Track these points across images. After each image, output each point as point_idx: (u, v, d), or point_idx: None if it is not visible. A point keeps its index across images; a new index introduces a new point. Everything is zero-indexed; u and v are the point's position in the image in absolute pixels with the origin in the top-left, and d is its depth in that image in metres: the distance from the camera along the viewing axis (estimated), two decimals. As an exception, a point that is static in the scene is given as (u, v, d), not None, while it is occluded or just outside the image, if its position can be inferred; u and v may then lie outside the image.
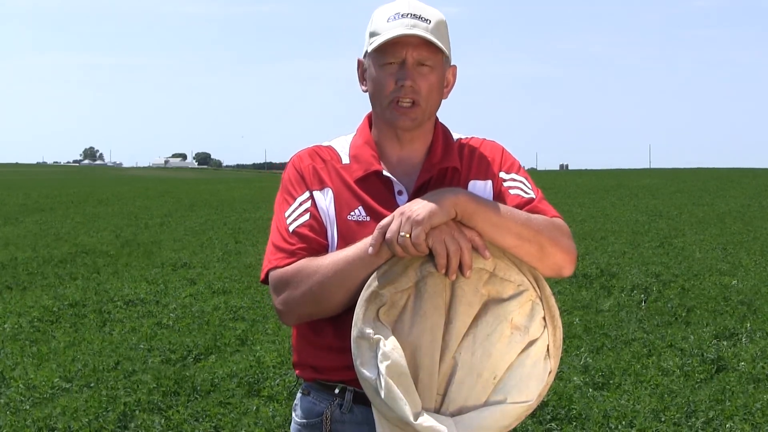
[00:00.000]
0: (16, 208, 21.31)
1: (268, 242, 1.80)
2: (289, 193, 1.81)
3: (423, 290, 1.63)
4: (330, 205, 1.78)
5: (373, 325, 1.62)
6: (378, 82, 1.77)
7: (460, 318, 1.63)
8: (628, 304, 7.61)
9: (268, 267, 1.75)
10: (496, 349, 1.63)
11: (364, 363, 1.61)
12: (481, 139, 1.92)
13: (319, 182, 1.80)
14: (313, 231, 1.75)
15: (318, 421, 1.80)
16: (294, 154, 1.90)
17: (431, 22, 1.75)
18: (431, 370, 1.61)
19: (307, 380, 1.85)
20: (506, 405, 1.63)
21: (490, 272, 1.67)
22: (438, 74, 1.78)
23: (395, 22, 1.73)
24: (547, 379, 1.69)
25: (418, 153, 1.84)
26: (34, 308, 7.62)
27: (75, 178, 58.06)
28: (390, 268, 1.65)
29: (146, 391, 4.98)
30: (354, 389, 1.75)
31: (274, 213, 1.84)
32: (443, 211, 1.61)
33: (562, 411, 4.60)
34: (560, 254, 1.72)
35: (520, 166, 1.89)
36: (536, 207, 1.78)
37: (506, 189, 1.82)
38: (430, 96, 1.77)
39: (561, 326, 1.72)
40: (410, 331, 1.62)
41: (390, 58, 1.74)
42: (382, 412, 1.60)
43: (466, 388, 1.62)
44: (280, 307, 1.73)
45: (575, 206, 20.55)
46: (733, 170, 48.98)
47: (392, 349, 1.58)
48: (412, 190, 1.79)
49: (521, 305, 1.67)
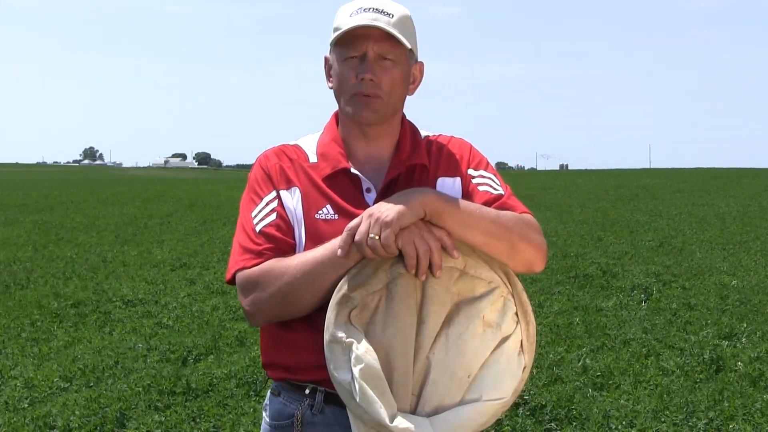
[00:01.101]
0: (16, 208, 21.31)
1: (234, 242, 1.79)
2: (256, 193, 1.80)
3: (394, 291, 1.63)
4: (297, 204, 1.76)
5: (345, 328, 1.61)
6: (340, 76, 1.76)
7: (433, 318, 1.62)
8: (628, 304, 7.61)
9: (235, 268, 1.74)
10: (469, 348, 1.63)
11: (338, 367, 1.60)
12: (448, 136, 1.91)
13: (287, 181, 1.79)
14: (280, 231, 1.73)
15: (289, 423, 1.78)
16: (261, 153, 1.87)
17: (394, 17, 1.74)
18: (405, 371, 1.60)
19: (276, 380, 1.83)
20: (482, 403, 1.63)
21: (460, 270, 1.66)
22: (401, 69, 1.77)
23: (357, 16, 1.73)
24: (522, 375, 1.68)
25: (385, 150, 1.83)
26: (34, 308, 7.61)
27: (75, 178, 58.05)
28: (360, 271, 1.64)
29: (145, 391, 4.97)
30: (325, 390, 1.74)
31: (240, 212, 1.82)
32: (412, 212, 1.60)
33: (561, 411, 4.59)
34: (530, 250, 1.72)
35: (488, 163, 1.88)
36: (505, 203, 1.78)
37: (475, 186, 1.81)
38: (392, 90, 1.76)
39: (534, 321, 1.72)
40: (383, 333, 1.61)
41: (351, 52, 1.74)
42: (357, 416, 1.60)
43: (441, 388, 1.61)
44: (249, 309, 1.72)
45: (575, 206, 20.54)
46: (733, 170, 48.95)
47: (365, 352, 1.57)
48: (380, 187, 1.78)
49: (493, 302, 1.67)
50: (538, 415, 4.57)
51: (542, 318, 6.97)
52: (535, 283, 8.69)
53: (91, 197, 26.18)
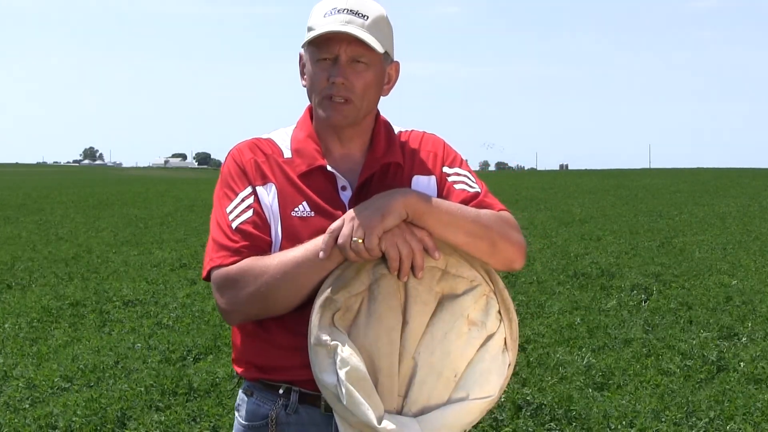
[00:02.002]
0: (16, 207, 21.30)
1: (210, 238, 1.75)
2: (230, 188, 1.76)
3: (377, 293, 1.63)
4: (273, 200, 1.73)
5: (329, 331, 1.60)
6: (312, 77, 1.73)
7: (416, 318, 1.62)
8: (629, 304, 7.61)
9: (211, 265, 1.70)
10: (455, 347, 1.63)
11: (323, 370, 1.59)
12: (421, 132, 1.89)
13: (262, 177, 1.76)
14: (256, 228, 1.70)
15: (263, 423, 1.76)
16: (233, 146, 1.84)
17: (369, 18, 1.70)
18: (390, 372, 1.60)
19: (249, 380, 1.80)
20: (469, 402, 1.62)
21: (442, 270, 1.66)
22: (375, 71, 1.74)
23: (331, 17, 1.69)
24: (507, 372, 1.69)
25: (359, 148, 1.81)
26: (33, 308, 7.61)
27: (75, 178, 58.04)
28: (342, 273, 1.63)
29: (145, 391, 4.97)
30: (299, 389, 1.72)
31: (213, 207, 1.79)
32: (395, 214, 1.59)
33: (562, 411, 4.59)
34: (511, 248, 1.72)
35: (462, 160, 1.87)
36: (483, 201, 1.77)
37: (451, 184, 1.80)
38: (365, 94, 1.73)
39: (516, 318, 1.72)
40: (367, 335, 1.61)
41: (324, 54, 1.71)
42: (344, 418, 1.59)
43: (428, 388, 1.61)
44: (225, 307, 1.69)
45: (575, 206, 20.53)
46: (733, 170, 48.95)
47: (350, 354, 1.57)
48: (355, 185, 1.76)
49: (476, 300, 1.67)
50: (538, 415, 4.57)
51: (543, 318, 6.97)
52: (536, 283, 8.69)
53: (91, 197, 26.18)
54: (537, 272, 9.32)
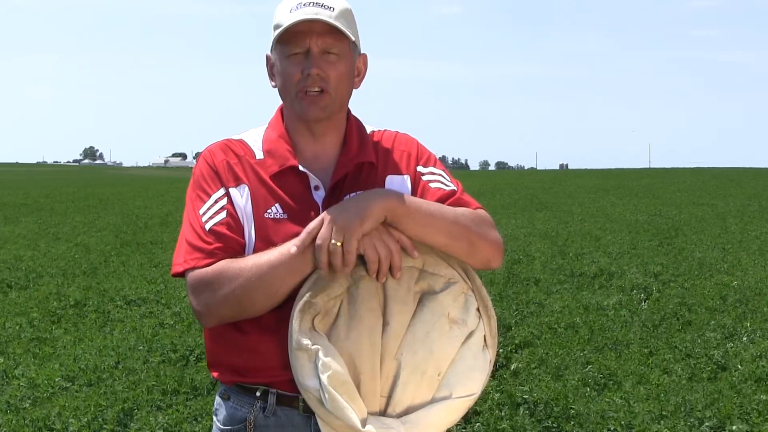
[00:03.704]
0: (16, 207, 21.31)
1: (181, 238, 1.75)
2: (203, 190, 1.76)
3: (356, 295, 1.63)
4: (247, 202, 1.73)
5: (309, 335, 1.60)
6: (285, 73, 1.73)
7: (397, 318, 1.62)
8: (628, 303, 7.62)
9: (185, 266, 1.70)
10: (437, 346, 1.63)
11: (305, 374, 1.60)
12: (394, 132, 1.89)
13: (235, 179, 1.75)
14: (230, 229, 1.70)
15: (241, 427, 1.75)
16: (204, 148, 1.85)
17: (335, 10, 1.71)
18: (373, 373, 1.60)
19: (226, 383, 1.79)
20: (452, 400, 1.63)
21: (420, 269, 1.67)
22: (346, 62, 1.74)
23: (297, 11, 1.69)
24: (488, 369, 1.70)
25: (332, 147, 1.80)
26: (34, 308, 7.62)
27: (75, 177, 58.02)
28: (320, 276, 1.63)
29: (147, 391, 4.98)
30: (277, 391, 1.71)
31: (185, 207, 1.79)
32: (374, 217, 1.59)
33: (562, 411, 4.60)
34: (489, 248, 1.72)
35: (436, 159, 1.87)
36: (460, 200, 1.77)
37: (426, 183, 1.80)
38: (339, 84, 1.73)
39: (494, 315, 1.73)
40: (347, 337, 1.61)
41: (295, 48, 1.70)
42: (327, 422, 1.60)
43: (412, 388, 1.61)
44: (200, 309, 1.68)
45: (575, 206, 20.54)
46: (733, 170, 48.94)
47: (331, 358, 1.57)
48: (329, 186, 1.75)
49: (455, 299, 1.67)
50: (538, 415, 4.58)
51: (543, 317, 6.98)
52: (536, 282, 8.70)
53: (91, 197, 26.18)
54: (537, 272, 9.34)
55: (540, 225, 15.28)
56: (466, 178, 46.61)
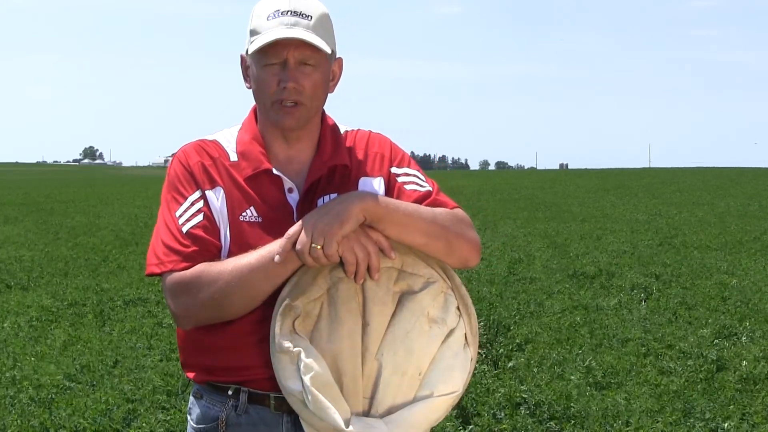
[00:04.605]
0: (16, 207, 21.31)
1: (157, 239, 1.73)
2: (179, 192, 1.75)
3: (336, 296, 1.63)
4: (222, 204, 1.72)
5: (290, 338, 1.61)
6: (260, 82, 1.71)
7: (376, 319, 1.63)
8: (628, 303, 7.62)
9: (163, 269, 1.69)
10: (417, 345, 1.64)
11: (287, 377, 1.60)
12: (367, 132, 1.88)
13: (210, 181, 1.74)
14: (207, 232, 1.69)
15: (213, 425, 1.75)
16: (179, 148, 1.82)
17: (312, 18, 1.69)
18: (354, 374, 1.61)
19: (198, 383, 1.79)
20: (434, 399, 1.64)
21: (398, 270, 1.68)
22: (322, 71, 1.73)
23: (275, 20, 1.67)
24: (470, 367, 1.70)
25: (306, 150, 1.79)
26: (33, 308, 7.62)
27: (75, 177, 58.04)
28: (299, 279, 1.64)
29: (147, 390, 4.98)
30: (249, 390, 1.72)
31: (160, 208, 1.77)
32: (353, 220, 1.59)
33: (561, 410, 4.60)
34: (467, 247, 1.72)
35: (410, 159, 1.86)
36: (436, 200, 1.77)
37: (401, 184, 1.79)
38: (315, 95, 1.72)
39: (475, 313, 1.74)
40: (329, 339, 1.61)
41: (271, 59, 1.68)
42: (311, 424, 1.60)
43: (393, 388, 1.62)
44: (179, 312, 1.68)
45: (575, 206, 20.55)
46: (733, 170, 48.97)
47: (313, 360, 1.58)
48: (302, 189, 1.75)
49: (434, 298, 1.68)
50: (538, 414, 4.58)
51: (543, 317, 6.98)
52: (536, 282, 8.71)
53: (91, 197, 26.19)
54: (537, 272, 9.34)
55: (540, 225, 15.28)
56: (466, 178, 46.62)
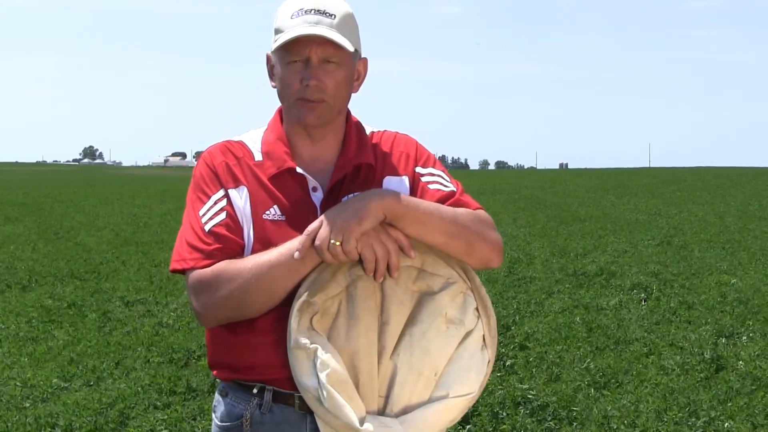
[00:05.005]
0: (16, 207, 21.31)
1: (181, 237, 1.76)
2: (203, 191, 1.77)
3: (354, 294, 1.63)
4: (246, 203, 1.74)
5: (307, 334, 1.60)
6: (284, 80, 1.73)
7: (394, 318, 1.63)
8: (629, 303, 7.61)
9: (185, 266, 1.71)
10: (434, 346, 1.63)
11: (303, 373, 1.60)
12: (393, 132, 1.89)
13: (234, 180, 1.76)
14: (229, 230, 1.71)
15: (238, 423, 1.76)
16: (204, 149, 1.85)
17: (336, 17, 1.70)
18: (371, 373, 1.61)
19: (224, 381, 1.81)
20: (449, 400, 1.63)
21: (418, 269, 1.67)
22: (346, 70, 1.73)
23: (298, 18, 1.69)
24: (486, 369, 1.69)
25: (330, 149, 1.80)
26: (33, 308, 7.62)
27: (75, 177, 58.04)
28: (318, 276, 1.63)
29: (145, 390, 4.98)
30: (273, 388, 1.72)
31: (185, 209, 1.80)
32: (373, 217, 1.59)
33: (562, 411, 4.60)
34: (487, 248, 1.72)
35: (435, 159, 1.87)
36: (459, 200, 1.77)
37: (425, 184, 1.79)
38: (337, 93, 1.73)
39: (494, 315, 1.73)
40: (346, 336, 1.61)
41: (294, 57, 1.70)
42: (326, 421, 1.60)
43: (409, 388, 1.62)
44: (200, 310, 1.69)
45: (575, 205, 20.55)
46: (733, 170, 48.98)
47: (330, 356, 1.58)
48: (327, 187, 1.76)
49: (453, 298, 1.67)
50: (538, 414, 4.58)
51: (543, 317, 6.98)
52: (535, 282, 8.70)
53: (91, 196, 26.19)
54: (537, 271, 9.34)
55: (540, 225, 15.28)
56: (466, 177, 46.62)
